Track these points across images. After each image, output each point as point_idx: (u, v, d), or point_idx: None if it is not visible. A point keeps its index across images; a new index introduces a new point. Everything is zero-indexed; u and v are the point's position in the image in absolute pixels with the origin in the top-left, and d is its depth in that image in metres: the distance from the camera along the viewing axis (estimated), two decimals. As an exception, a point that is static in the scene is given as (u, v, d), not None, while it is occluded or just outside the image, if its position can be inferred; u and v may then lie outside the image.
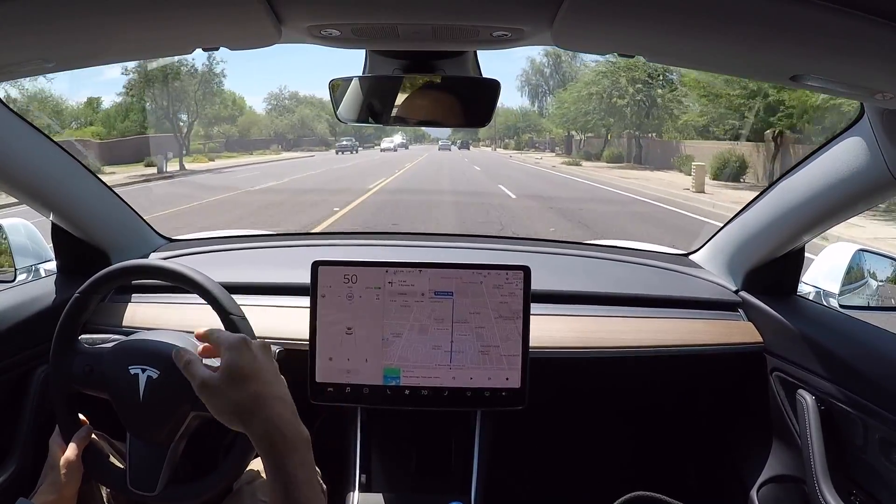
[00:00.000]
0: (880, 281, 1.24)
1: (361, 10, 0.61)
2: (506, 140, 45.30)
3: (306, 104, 43.37)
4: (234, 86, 65.46)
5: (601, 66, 23.40)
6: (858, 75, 0.65)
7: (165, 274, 0.91)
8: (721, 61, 0.74)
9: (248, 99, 75.89)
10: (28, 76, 0.74)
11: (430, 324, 1.04)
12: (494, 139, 46.90)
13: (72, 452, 0.86)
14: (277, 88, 56.52)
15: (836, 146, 0.95)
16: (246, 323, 0.88)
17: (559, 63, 39.62)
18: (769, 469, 1.19)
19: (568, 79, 35.00)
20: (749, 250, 1.26)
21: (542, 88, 41.21)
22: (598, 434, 1.53)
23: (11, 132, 0.97)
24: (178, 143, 22.73)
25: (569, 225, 8.01)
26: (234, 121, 34.01)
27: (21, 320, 1.07)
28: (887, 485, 0.94)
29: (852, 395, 0.99)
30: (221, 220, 8.52)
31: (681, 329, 1.23)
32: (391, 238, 1.79)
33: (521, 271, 1.04)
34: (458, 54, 0.87)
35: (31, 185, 1.05)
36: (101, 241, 1.24)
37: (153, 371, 0.86)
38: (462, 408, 1.07)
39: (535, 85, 41.31)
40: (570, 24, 0.59)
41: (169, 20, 0.60)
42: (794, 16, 0.51)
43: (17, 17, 0.53)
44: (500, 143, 46.20)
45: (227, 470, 0.87)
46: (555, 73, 40.45)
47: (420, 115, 0.91)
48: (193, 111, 25.18)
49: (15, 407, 1.06)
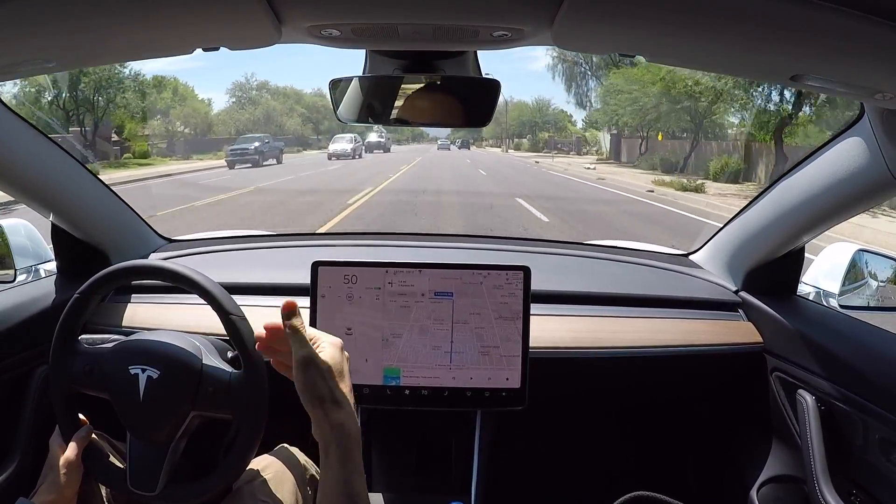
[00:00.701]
0: (880, 281, 1.24)
1: (361, 10, 0.61)
2: (516, 139, 38.28)
3: (277, 95, 34.36)
4: (206, 78, 53.85)
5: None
6: (858, 75, 0.65)
7: (165, 274, 0.91)
8: (721, 61, 0.74)
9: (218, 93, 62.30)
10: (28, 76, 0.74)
11: (429, 324, 1.04)
12: (502, 138, 39.42)
13: (72, 452, 0.86)
14: (244, 77, 43.62)
15: (836, 146, 0.95)
16: (246, 323, 0.88)
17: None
18: (769, 469, 1.19)
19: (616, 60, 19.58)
20: (749, 250, 1.26)
21: (580, 68, 26.89)
22: (598, 434, 1.53)
23: (11, 132, 0.97)
24: (86, 144, 16.47)
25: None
26: (168, 114, 25.32)
27: (21, 321, 1.07)
28: (887, 485, 0.94)
29: (852, 395, 0.99)
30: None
31: (681, 329, 1.23)
32: (391, 238, 1.79)
33: (520, 272, 1.04)
34: (459, 54, 0.87)
35: (31, 185, 1.05)
36: (100, 241, 1.24)
37: (153, 371, 0.86)
38: (462, 408, 1.07)
39: (571, 63, 26.65)
40: (570, 24, 0.59)
41: (169, 20, 0.60)
42: (794, 16, 0.51)
43: (17, 17, 0.53)
44: (510, 142, 38.85)
45: (227, 470, 0.87)
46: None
47: (420, 115, 0.91)
48: (101, 104, 17.72)
49: (15, 407, 1.06)
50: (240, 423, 0.86)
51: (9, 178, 1.01)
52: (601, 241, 1.77)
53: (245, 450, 0.86)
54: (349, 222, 7.56)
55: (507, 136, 38.83)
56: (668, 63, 0.78)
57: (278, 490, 0.98)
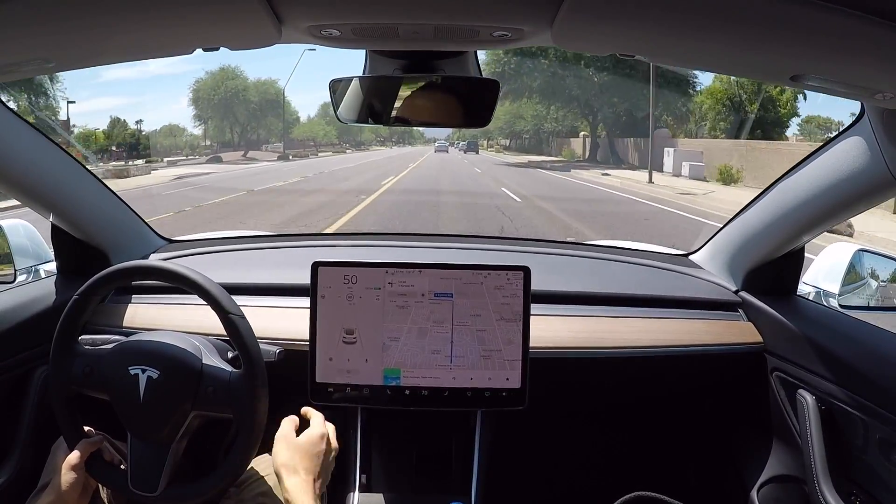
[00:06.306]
0: (880, 281, 1.24)
1: (361, 11, 0.61)
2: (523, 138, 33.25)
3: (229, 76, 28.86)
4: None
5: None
6: (858, 75, 0.65)
7: (164, 274, 0.92)
8: (721, 61, 0.75)
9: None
10: (28, 76, 0.74)
11: (429, 325, 1.04)
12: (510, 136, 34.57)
13: (75, 457, 0.86)
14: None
15: (836, 146, 0.95)
16: (245, 322, 0.88)
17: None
18: (769, 469, 1.19)
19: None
20: (749, 250, 1.26)
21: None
22: (598, 434, 1.53)
23: (11, 132, 0.97)
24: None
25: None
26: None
27: (21, 321, 1.07)
28: (887, 485, 0.94)
29: (853, 395, 0.99)
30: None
31: (681, 329, 1.23)
32: (391, 239, 1.80)
33: (521, 272, 1.04)
34: (458, 54, 0.87)
35: (31, 185, 1.05)
36: (100, 241, 1.24)
37: (153, 371, 0.86)
38: (462, 408, 1.07)
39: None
40: (570, 24, 0.59)
41: (169, 20, 0.60)
42: (794, 16, 0.51)
43: (17, 17, 0.53)
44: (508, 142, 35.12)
45: (227, 470, 0.87)
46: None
47: (420, 115, 0.91)
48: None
49: (15, 407, 1.06)
50: (240, 422, 0.86)
51: (9, 178, 1.01)
52: (600, 241, 1.77)
53: (245, 450, 0.86)
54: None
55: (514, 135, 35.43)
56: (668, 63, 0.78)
57: (278, 490, 0.98)
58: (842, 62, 0.61)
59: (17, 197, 1.05)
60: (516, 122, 31.27)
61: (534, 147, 32.68)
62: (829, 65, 0.63)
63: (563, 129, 28.82)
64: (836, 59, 0.61)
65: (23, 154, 1.00)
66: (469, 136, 33.18)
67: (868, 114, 0.85)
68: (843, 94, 0.72)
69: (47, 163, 1.06)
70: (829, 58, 0.61)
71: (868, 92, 0.68)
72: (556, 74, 24.20)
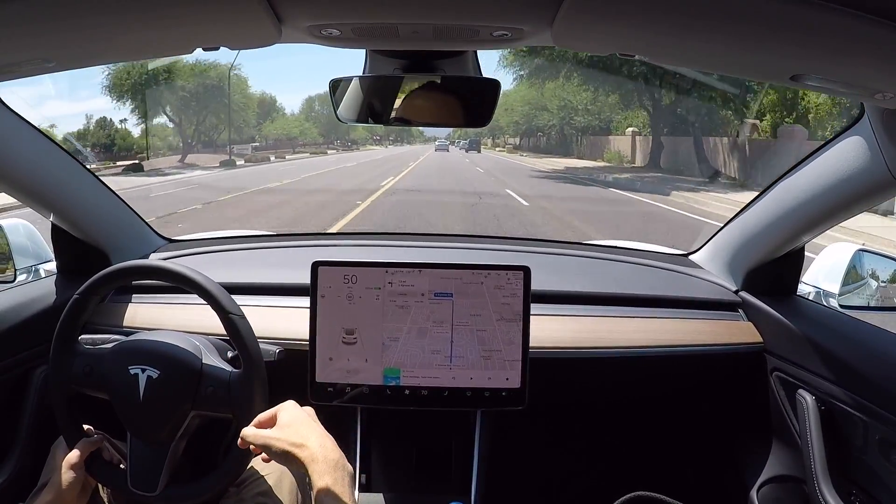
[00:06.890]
0: (880, 281, 1.24)
1: (361, 10, 0.61)
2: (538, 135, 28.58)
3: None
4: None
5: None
6: (858, 75, 0.65)
7: (164, 274, 0.92)
8: (721, 61, 0.74)
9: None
10: (28, 76, 0.74)
11: (429, 325, 1.04)
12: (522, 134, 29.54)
13: (74, 456, 0.86)
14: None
15: (836, 146, 0.94)
16: (245, 322, 0.88)
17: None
18: (769, 469, 1.19)
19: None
20: (749, 250, 1.25)
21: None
22: (598, 434, 1.53)
23: (11, 132, 0.97)
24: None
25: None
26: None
27: (21, 321, 1.07)
28: (887, 485, 0.94)
29: (852, 395, 0.99)
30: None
31: (681, 329, 1.23)
32: (391, 238, 1.80)
33: (521, 272, 1.04)
34: (459, 54, 0.87)
35: (31, 185, 1.05)
36: (100, 241, 1.24)
37: (153, 371, 0.86)
38: (462, 408, 1.07)
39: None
40: (570, 24, 0.59)
41: (169, 20, 0.60)
42: (794, 16, 0.51)
43: (17, 17, 0.53)
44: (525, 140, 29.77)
45: (227, 470, 0.87)
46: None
47: (420, 114, 0.91)
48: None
49: (15, 407, 1.06)
50: (240, 422, 0.86)
51: (9, 178, 1.01)
52: (600, 241, 1.77)
53: (245, 450, 0.86)
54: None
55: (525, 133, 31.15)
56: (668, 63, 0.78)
57: (278, 490, 0.98)
58: (842, 62, 0.61)
59: (17, 197, 1.05)
60: (538, 115, 24.56)
61: (555, 147, 26.15)
62: (829, 65, 0.63)
63: (599, 123, 21.79)
64: (836, 59, 0.61)
65: (23, 154, 1.00)
66: (472, 134, 30.55)
67: (868, 114, 0.85)
68: (843, 93, 0.72)
69: (47, 162, 1.06)
70: (828, 58, 0.61)
71: (868, 92, 0.68)
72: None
